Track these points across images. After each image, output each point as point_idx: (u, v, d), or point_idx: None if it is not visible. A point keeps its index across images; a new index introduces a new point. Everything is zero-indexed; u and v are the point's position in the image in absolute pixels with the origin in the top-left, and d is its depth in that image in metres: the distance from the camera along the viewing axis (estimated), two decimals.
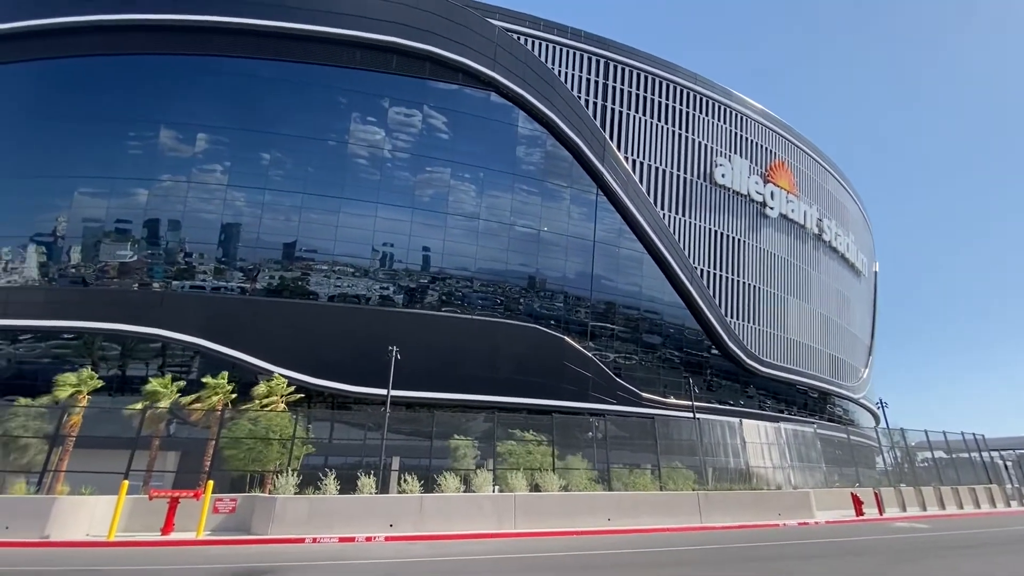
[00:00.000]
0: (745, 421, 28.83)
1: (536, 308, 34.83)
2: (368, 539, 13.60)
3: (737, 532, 16.04)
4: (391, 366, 24.81)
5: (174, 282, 29.29)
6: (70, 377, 20.14)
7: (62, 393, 19.52)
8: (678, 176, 43.16)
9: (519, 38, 38.90)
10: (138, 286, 29.01)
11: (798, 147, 53.88)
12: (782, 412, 44.71)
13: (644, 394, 35.75)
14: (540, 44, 40.46)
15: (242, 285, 29.77)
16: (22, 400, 19.15)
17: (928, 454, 31.48)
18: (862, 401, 57.54)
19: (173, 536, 13.49)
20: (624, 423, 28.42)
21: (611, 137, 40.17)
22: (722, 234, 44.52)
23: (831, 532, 15.89)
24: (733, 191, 45.98)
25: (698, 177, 44.24)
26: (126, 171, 30.23)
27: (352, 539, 13.52)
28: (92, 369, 21.93)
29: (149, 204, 30.03)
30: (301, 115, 32.46)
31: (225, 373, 21.44)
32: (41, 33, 31.44)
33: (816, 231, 53.02)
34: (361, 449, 22.51)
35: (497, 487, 17.32)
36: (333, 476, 15.45)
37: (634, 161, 41.17)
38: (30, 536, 12.57)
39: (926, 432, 29.84)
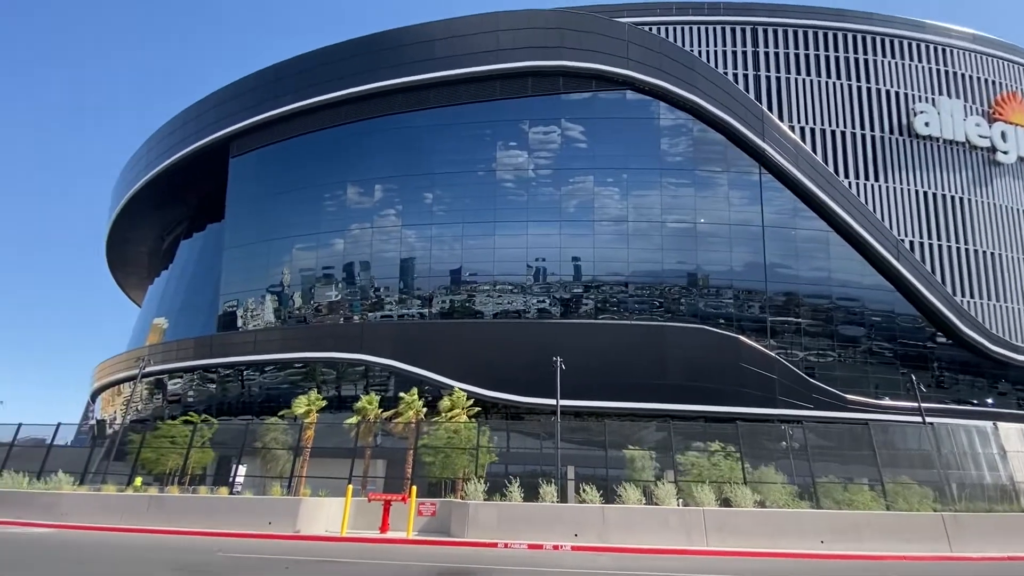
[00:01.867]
0: (1002, 424, 22.84)
1: (701, 307, 32.42)
2: (555, 547, 13.82)
3: (1008, 565, 12.56)
4: (556, 376, 25.26)
5: (369, 314, 34.19)
6: (302, 399, 24.64)
7: (298, 411, 23.95)
8: (863, 135, 36.53)
9: (651, 29, 37.36)
10: (343, 320, 34.56)
11: None
12: None
13: (848, 396, 30.56)
14: (675, 29, 38.23)
15: (421, 311, 33.43)
16: (270, 419, 23.96)
17: None
18: None
19: (389, 535, 15.39)
20: (826, 431, 24.75)
21: (770, 108, 35.88)
22: (934, 194, 36.28)
23: None
24: (944, 140, 37.31)
25: (892, 132, 36.89)
26: (326, 226, 36.56)
27: (540, 546, 13.87)
28: (317, 391, 26.58)
29: (345, 250, 35.75)
30: (454, 153, 35.70)
31: (415, 389, 24.19)
32: (260, 126, 39.89)
33: None
34: (537, 458, 23.18)
35: (681, 500, 16.29)
36: (517, 484, 16.14)
37: (802, 129, 36.09)
38: (286, 530, 15.40)
39: None
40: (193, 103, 45.02)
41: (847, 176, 35.45)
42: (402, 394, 23.93)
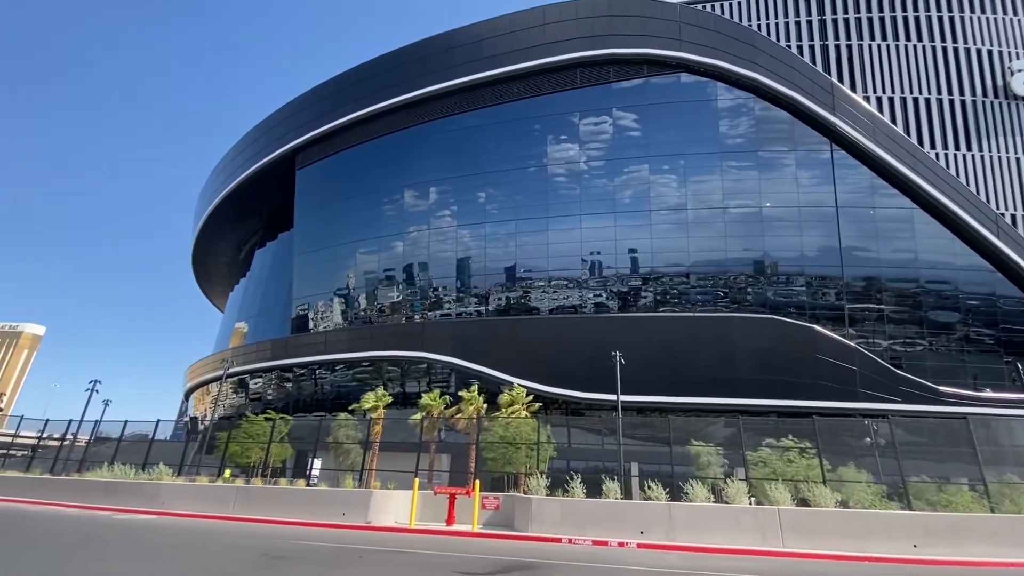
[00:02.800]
0: None
1: (770, 296, 30.72)
2: (620, 544, 13.61)
3: None
4: (616, 371, 24.83)
5: (429, 313, 35.13)
6: (370, 396, 25.72)
7: (366, 406, 25.03)
8: (951, 101, 33.20)
9: (706, 7, 35.77)
10: (405, 319, 35.71)
11: None
12: None
13: (942, 388, 27.94)
14: (732, 4, 36.47)
15: (478, 309, 33.92)
16: (341, 415, 25.17)
17: None
18: None
19: (455, 527, 15.77)
20: (916, 426, 22.77)
21: (840, 79, 33.42)
22: None
23: None
24: None
25: (984, 95, 33.28)
26: (386, 229, 37.94)
27: (605, 543, 13.71)
28: (383, 388, 27.66)
29: (404, 253, 36.92)
30: (505, 151, 35.92)
31: (475, 386, 24.61)
32: (322, 138, 41.98)
33: None
34: (599, 454, 22.95)
35: (752, 499, 15.55)
36: (579, 480, 16.02)
37: (879, 99, 33.32)
38: (358, 521, 16.12)
39: None
40: (262, 120, 48.12)
41: (933, 147, 32.36)
42: (462, 392, 24.44)
